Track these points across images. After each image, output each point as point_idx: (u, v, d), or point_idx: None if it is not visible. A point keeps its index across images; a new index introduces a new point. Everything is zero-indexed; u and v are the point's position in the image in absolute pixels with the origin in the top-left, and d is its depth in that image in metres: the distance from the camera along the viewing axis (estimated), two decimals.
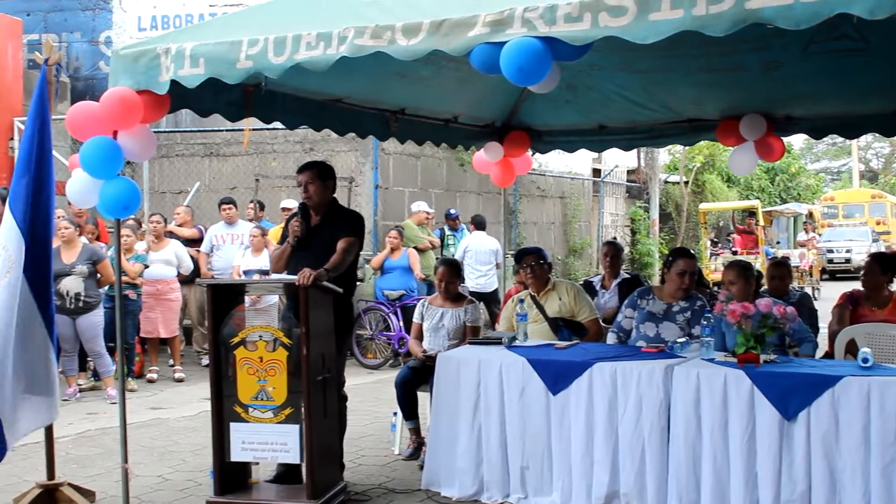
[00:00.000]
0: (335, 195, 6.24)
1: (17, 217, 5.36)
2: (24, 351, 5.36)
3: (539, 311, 6.83)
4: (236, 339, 5.43)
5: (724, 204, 26.08)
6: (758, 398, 4.86)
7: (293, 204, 11.55)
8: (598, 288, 8.08)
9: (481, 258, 12.81)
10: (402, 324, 11.62)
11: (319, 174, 6.11)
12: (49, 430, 5.80)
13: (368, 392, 9.66)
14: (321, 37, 4.58)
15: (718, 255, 21.83)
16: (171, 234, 11.44)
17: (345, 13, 4.65)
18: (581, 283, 8.14)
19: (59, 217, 8.99)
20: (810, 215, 27.80)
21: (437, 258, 12.17)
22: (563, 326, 6.74)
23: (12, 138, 13.41)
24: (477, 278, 12.72)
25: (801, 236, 25.31)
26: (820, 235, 28.31)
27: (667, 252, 7.52)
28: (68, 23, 15.18)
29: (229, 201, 11.81)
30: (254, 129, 12.48)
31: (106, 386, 9.61)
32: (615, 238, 12.81)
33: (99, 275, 9.42)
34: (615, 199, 23.27)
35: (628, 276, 8.24)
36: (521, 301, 6.60)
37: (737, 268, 6.40)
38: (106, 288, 9.77)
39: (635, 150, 22.77)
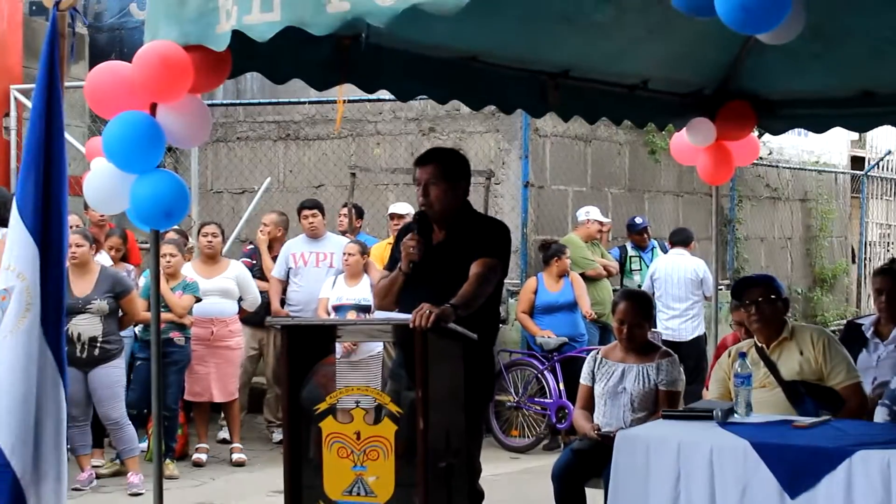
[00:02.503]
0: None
1: (29, 226, 5.40)
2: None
3: (769, 370, 6.74)
4: (323, 406, 5.51)
5: None
6: None
7: (407, 209, 11.66)
8: (868, 335, 7.88)
9: (676, 290, 12.67)
10: (562, 386, 11.60)
11: (445, 172, 6.13)
12: None
13: (513, 485, 9.72)
14: None
15: None
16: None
17: None
18: (840, 328, 7.96)
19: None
20: None
21: (614, 290, 12.11)
22: (805, 394, 6.64)
23: (7, 114, 13.60)
24: (668, 319, 12.63)
25: None
26: None
27: None
28: None
29: (313, 206, 11.89)
30: (349, 101, 12.65)
31: (129, 470, 9.70)
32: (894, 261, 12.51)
33: (122, 312, 9.60)
34: (887, 203, 22.75)
35: None
36: (743, 355, 6.53)
37: None
38: (139, 328, 10.00)
39: None
